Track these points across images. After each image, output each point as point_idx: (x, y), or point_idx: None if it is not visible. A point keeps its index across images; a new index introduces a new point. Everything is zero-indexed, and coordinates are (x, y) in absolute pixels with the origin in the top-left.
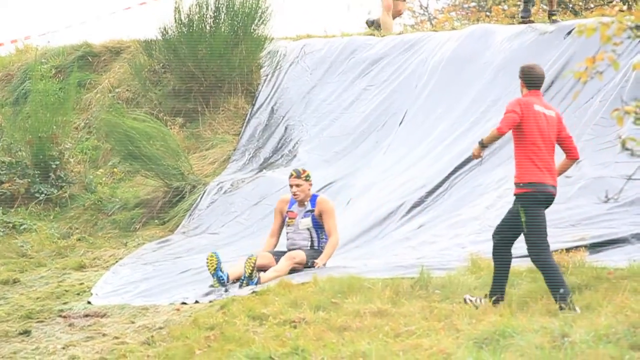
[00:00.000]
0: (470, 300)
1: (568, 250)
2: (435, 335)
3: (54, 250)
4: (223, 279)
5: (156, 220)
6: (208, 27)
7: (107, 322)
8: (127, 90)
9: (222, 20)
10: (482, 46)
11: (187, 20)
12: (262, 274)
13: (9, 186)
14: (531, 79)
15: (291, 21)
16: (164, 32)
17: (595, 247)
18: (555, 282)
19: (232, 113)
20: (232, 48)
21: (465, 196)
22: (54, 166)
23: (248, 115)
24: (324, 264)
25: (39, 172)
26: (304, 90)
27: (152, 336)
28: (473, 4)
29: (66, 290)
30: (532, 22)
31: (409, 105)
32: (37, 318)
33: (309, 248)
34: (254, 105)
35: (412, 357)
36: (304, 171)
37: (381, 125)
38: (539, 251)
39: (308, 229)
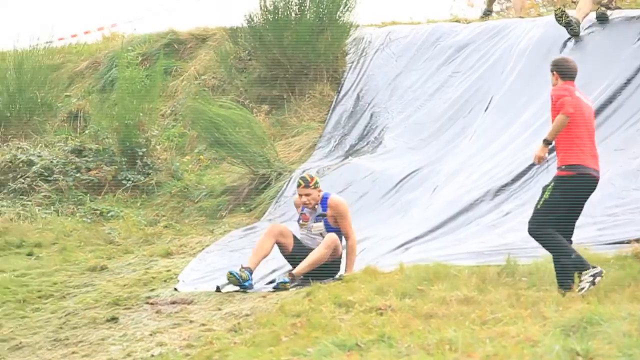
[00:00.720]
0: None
1: None
2: (522, 323)
3: (141, 238)
4: (250, 285)
5: (242, 208)
6: (293, 14)
7: (194, 309)
8: (213, 77)
9: (307, 7)
10: (567, 33)
11: (272, 7)
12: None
13: (97, 173)
14: (567, 70)
15: (376, 8)
16: (250, 20)
17: None
18: (558, 251)
19: (317, 100)
20: (317, 35)
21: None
22: (140, 153)
23: (333, 103)
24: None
25: (125, 159)
26: (390, 77)
27: (238, 323)
28: None
29: (153, 277)
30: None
31: (495, 92)
32: (125, 305)
33: None
34: (339, 92)
35: (499, 344)
36: (312, 178)
37: (467, 112)
38: (540, 231)
39: (321, 234)
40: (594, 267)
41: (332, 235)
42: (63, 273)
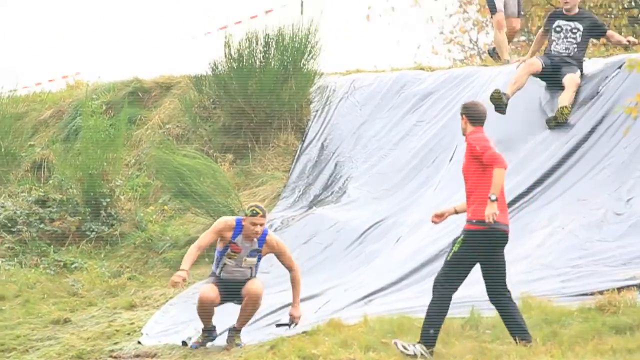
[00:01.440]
0: (404, 346)
1: (619, 289)
2: None
3: (105, 289)
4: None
5: (206, 259)
6: (258, 62)
7: None
8: (177, 126)
9: (272, 55)
10: (531, 81)
11: (237, 55)
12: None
13: (60, 224)
14: (476, 115)
15: (341, 56)
16: (214, 67)
17: None
18: (433, 318)
19: (282, 149)
20: (282, 83)
21: (514, 235)
22: (104, 204)
23: (298, 152)
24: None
25: (89, 209)
26: (354, 126)
27: None
28: (523, 38)
29: (117, 330)
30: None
31: (460, 141)
32: (88, 358)
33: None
34: (304, 141)
35: None
36: (264, 208)
37: (431, 162)
38: (443, 284)
39: (251, 268)
40: (430, 349)
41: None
42: (26, 326)
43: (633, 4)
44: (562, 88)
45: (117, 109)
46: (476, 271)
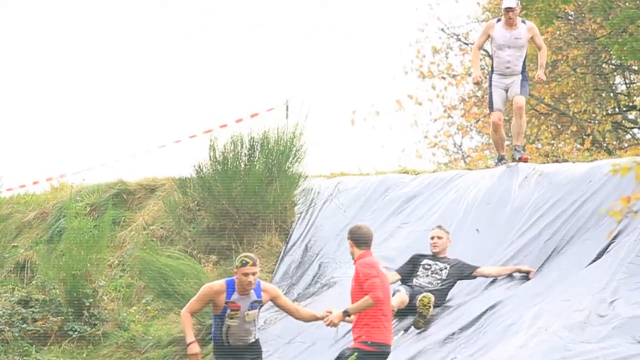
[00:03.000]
0: None
1: None
2: None
3: None
4: None
5: None
6: (243, 165)
7: None
8: (162, 227)
9: (256, 158)
10: (517, 185)
11: (221, 157)
12: None
13: (43, 324)
14: (360, 238)
15: (325, 159)
16: (199, 170)
17: None
18: None
19: (265, 250)
20: (266, 185)
21: (498, 335)
22: (87, 304)
23: (282, 253)
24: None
25: (72, 309)
26: (338, 228)
27: None
28: (507, 142)
29: None
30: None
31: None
32: None
33: (253, 340)
34: (287, 242)
35: None
36: (255, 256)
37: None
38: None
39: (254, 321)
40: None
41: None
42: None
43: (617, 109)
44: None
45: (101, 211)
46: None
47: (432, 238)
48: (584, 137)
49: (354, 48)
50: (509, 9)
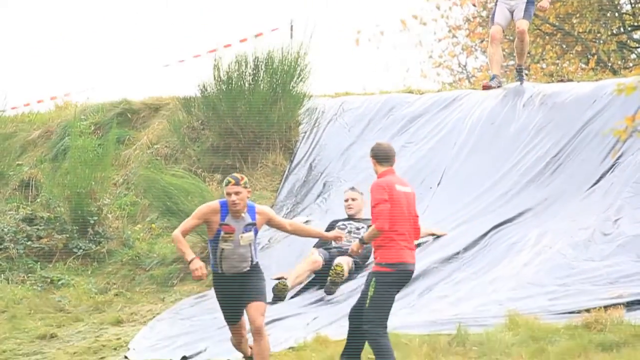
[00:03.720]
0: None
1: (606, 308)
2: None
3: (92, 305)
4: None
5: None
6: (247, 85)
7: None
8: (166, 146)
9: (260, 77)
10: (521, 104)
11: (226, 77)
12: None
13: (47, 241)
14: (381, 154)
15: (330, 79)
16: (203, 89)
17: (634, 304)
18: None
19: (270, 169)
20: (270, 105)
21: (502, 253)
22: (92, 222)
23: (286, 172)
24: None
25: (77, 227)
26: (343, 147)
27: None
28: (511, 62)
29: (103, 345)
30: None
31: (448, 164)
32: None
33: (249, 268)
34: (292, 161)
35: None
36: (242, 177)
37: (419, 183)
38: (376, 331)
39: (250, 244)
40: None
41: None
42: (12, 341)
43: (622, 29)
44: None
45: (106, 130)
46: (461, 288)
47: (347, 200)
48: (589, 56)
49: None
50: None
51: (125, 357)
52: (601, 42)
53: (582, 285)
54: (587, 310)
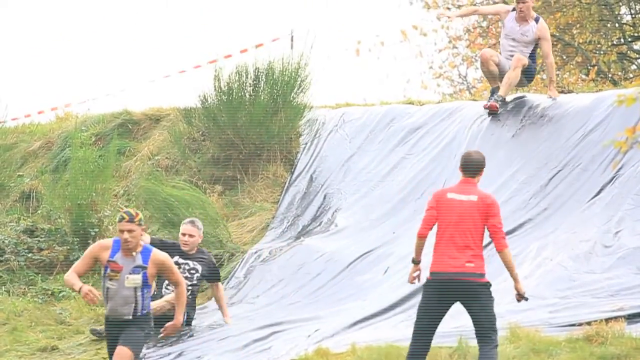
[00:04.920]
0: None
1: (607, 320)
2: None
3: (93, 318)
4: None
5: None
6: (247, 95)
7: None
8: (167, 157)
9: (261, 88)
10: (521, 115)
11: (226, 88)
12: None
13: (48, 253)
14: (462, 164)
15: (331, 90)
16: (204, 100)
17: (635, 317)
18: None
19: (271, 181)
20: (271, 116)
21: (502, 265)
22: (92, 233)
23: (287, 183)
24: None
25: (78, 239)
26: (343, 158)
27: None
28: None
29: (104, 358)
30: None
31: (448, 175)
32: None
33: (131, 317)
34: (292, 173)
35: None
36: (137, 214)
37: (420, 194)
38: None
39: (135, 288)
40: None
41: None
42: (13, 353)
43: (622, 40)
44: None
45: (106, 141)
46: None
47: (183, 235)
48: (589, 67)
49: None
50: (520, 1)
51: None
52: (601, 52)
53: (583, 298)
54: (588, 323)
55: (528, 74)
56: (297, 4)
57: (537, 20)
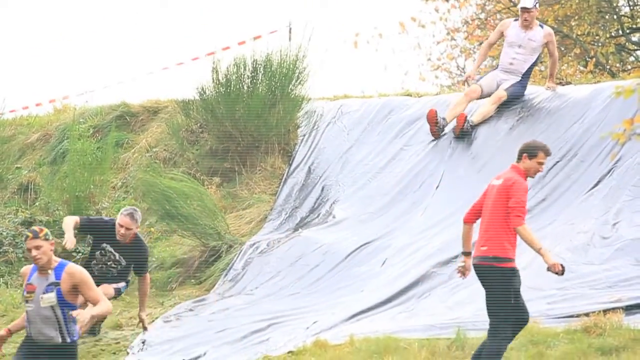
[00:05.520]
0: None
1: (605, 312)
2: None
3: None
4: None
5: (192, 280)
6: (245, 87)
7: None
8: (165, 149)
9: (259, 80)
10: (518, 107)
11: (224, 80)
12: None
13: None
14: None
15: (328, 82)
16: (202, 92)
17: (633, 308)
18: None
19: (269, 173)
20: (269, 108)
21: None
22: None
23: (285, 175)
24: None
25: (76, 231)
26: (341, 150)
27: None
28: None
29: (102, 350)
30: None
31: (446, 167)
32: None
33: (60, 341)
34: (290, 165)
35: None
36: (41, 230)
37: (418, 187)
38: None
39: (52, 307)
40: None
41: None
42: (12, 345)
43: (620, 32)
44: None
45: (105, 133)
46: (460, 292)
47: (121, 226)
48: (587, 59)
49: None
50: (525, 10)
51: None
52: (600, 44)
53: (581, 289)
54: (586, 314)
55: (515, 98)
56: None
57: (541, 26)
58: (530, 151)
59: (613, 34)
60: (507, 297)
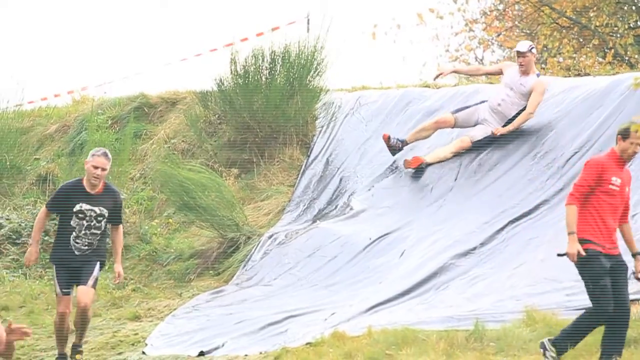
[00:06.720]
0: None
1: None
2: None
3: (109, 301)
4: None
5: (211, 271)
6: (264, 79)
7: None
8: (183, 141)
9: (277, 71)
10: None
11: (242, 71)
12: None
13: None
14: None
15: (347, 73)
16: (220, 83)
17: None
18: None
19: (287, 164)
20: (287, 99)
21: (520, 249)
22: None
23: (303, 167)
24: None
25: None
26: (359, 142)
27: None
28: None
29: (121, 341)
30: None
31: (464, 159)
32: None
33: None
34: (309, 156)
35: None
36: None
37: (437, 179)
38: None
39: None
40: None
41: None
42: (31, 336)
43: (639, 23)
44: None
45: (123, 124)
46: (478, 283)
47: (96, 168)
48: (606, 50)
49: None
50: (520, 54)
51: (143, 353)
52: (618, 35)
53: None
54: None
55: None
56: None
57: (537, 75)
58: (623, 132)
59: (632, 25)
60: (587, 278)
